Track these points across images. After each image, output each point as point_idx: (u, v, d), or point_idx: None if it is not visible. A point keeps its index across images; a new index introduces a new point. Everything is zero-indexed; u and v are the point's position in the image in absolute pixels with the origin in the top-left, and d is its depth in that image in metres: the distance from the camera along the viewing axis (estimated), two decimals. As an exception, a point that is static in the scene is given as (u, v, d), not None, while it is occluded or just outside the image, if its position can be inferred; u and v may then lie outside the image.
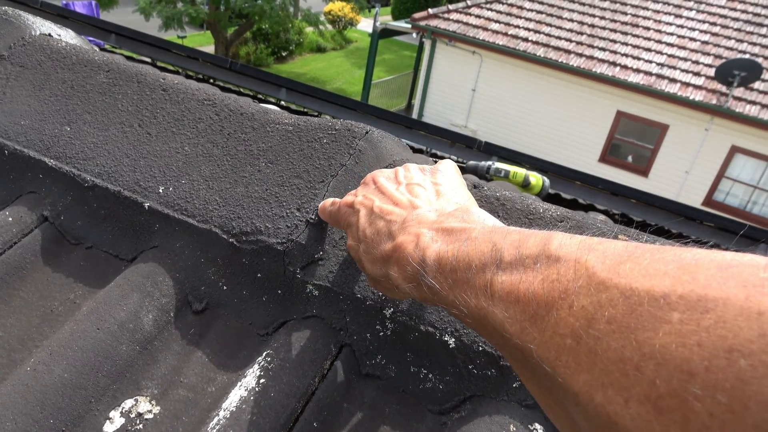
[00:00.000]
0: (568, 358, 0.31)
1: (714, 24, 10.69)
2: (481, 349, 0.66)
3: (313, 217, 0.74)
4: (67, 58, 0.98)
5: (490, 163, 1.97)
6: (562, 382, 0.31)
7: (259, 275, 0.76)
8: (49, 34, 1.07)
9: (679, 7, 11.15)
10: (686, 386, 0.24)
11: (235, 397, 0.65)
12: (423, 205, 0.55)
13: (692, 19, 10.85)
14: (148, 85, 0.92)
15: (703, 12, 10.97)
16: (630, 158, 10.94)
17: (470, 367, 0.67)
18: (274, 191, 0.78)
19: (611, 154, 10.99)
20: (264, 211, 0.76)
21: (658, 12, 11.09)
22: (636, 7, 11.26)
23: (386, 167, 0.82)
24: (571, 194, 2.08)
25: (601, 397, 0.28)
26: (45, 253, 0.83)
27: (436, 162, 0.70)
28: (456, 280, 0.43)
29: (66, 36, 1.12)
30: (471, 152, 2.34)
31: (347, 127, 0.82)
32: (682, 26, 10.71)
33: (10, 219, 0.83)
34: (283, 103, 2.85)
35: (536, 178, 1.96)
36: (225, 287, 0.77)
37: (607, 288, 0.30)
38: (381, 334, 0.71)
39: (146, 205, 0.80)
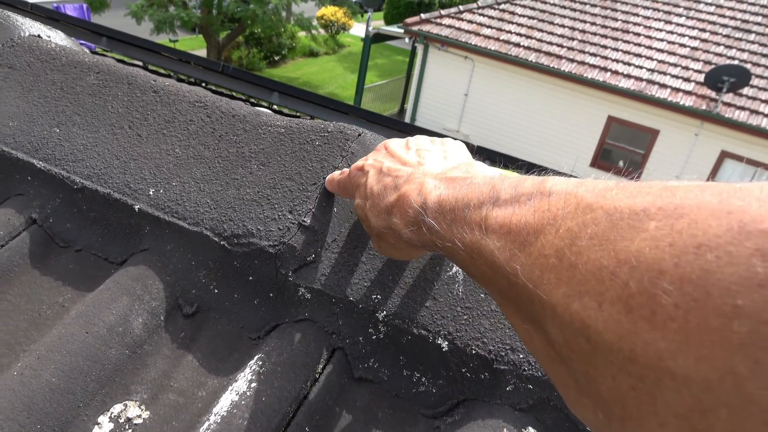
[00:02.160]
0: (550, 275, 0.32)
1: (703, 30, 10.80)
2: (474, 352, 0.66)
3: (305, 219, 0.73)
4: (57, 60, 0.97)
5: (482, 167, 1.97)
6: (542, 299, 0.32)
7: (250, 278, 0.75)
8: (39, 36, 1.06)
9: (668, 13, 11.26)
10: (656, 282, 0.25)
11: (226, 401, 0.64)
12: (429, 164, 0.57)
13: (682, 26, 10.96)
14: (138, 86, 0.92)
15: (692, 18, 11.09)
16: (621, 163, 11.00)
17: (463, 370, 0.67)
18: (266, 194, 0.77)
19: (602, 158, 11.06)
20: (256, 213, 0.75)
21: (648, 18, 11.19)
22: (626, 13, 11.36)
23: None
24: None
25: (577, 305, 0.29)
26: (33, 256, 0.82)
27: None
28: (454, 219, 0.44)
29: (56, 37, 1.11)
30: (463, 156, 2.34)
31: (340, 129, 0.82)
32: (672, 32, 10.82)
33: (-2, 221, 0.81)
34: (275, 106, 2.84)
35: (528, 182, 1.96)
36: (216, 290, 0.76)
37: (593, 210, 0.31)
38: (374, 337, 0.70)
39: (136, 207, 0.79)
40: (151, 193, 0.80)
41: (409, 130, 2.42)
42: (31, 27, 1.06)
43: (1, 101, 0.92)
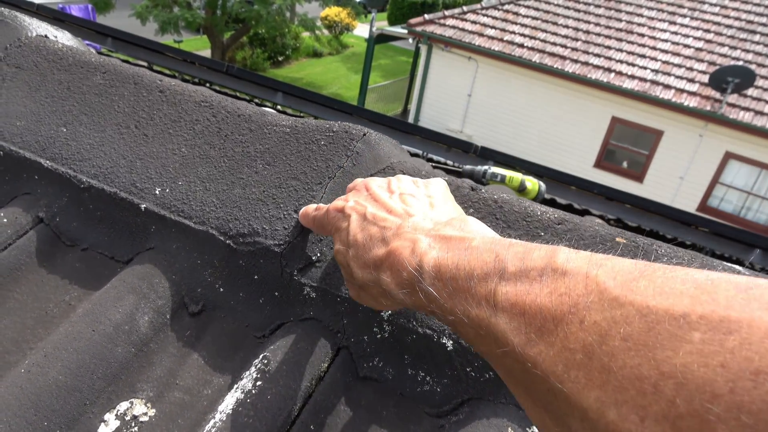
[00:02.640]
0: (578, 373, 0.30)
1: (708, 31, 10.77)
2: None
3: (310, 218, 0.74)
4: (64, 60, 0.98)
5: (486, 167, 1.97)
6: (569, 397, 0.31)
7: (256, 277, 0.75)
8: (46, 36, 1.07)
9: (673, 14, 11.23)
10: (708, 407, 0.24)
11: (231, 399, 0.65)
12: (417, 214, 0.55)
13: (686, 26, 10.93)
14: (144, 86, 0.92)
15: (697, 19, 11.06)
16: (625, 164, 10.98)
17: (468, 369, 0.67)
18: (271, 193, 0.77)
19: (606, 159, 11.04)
20: (261, 212, 0.76)
21: (652, 18, 11.17)
22: (631, 13, 11.34)
23: (384, 170, 0.82)
24: (567, 199, 2.08)
25: (614, 415, 0.28)
26: (40, 255, 0.82)
27: (434, 167, 0.70)
28: (456, 288, 0.42)
29: (62, 37, 1.12)
30: (467, 157, 2.34)
31: (345, 129, 0.82)
32: (676, 33, 10.79)
33: (5, 220, 0.82)
34: (279, 107, 2.85)
35: (532, 183, 1.96)
36: (222, 289, 0.77)
37: (622, 305, 0.30)
38: (379, 336, 0.71)
39: (143, 206, 0.79)
40: (157, 192, 0.80)
41: (413, 130, 2.42)
42: (38, 27, 1.07)
43: (8, 101, 0.92)
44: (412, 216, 0.54)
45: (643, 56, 10.36)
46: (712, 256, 1.59)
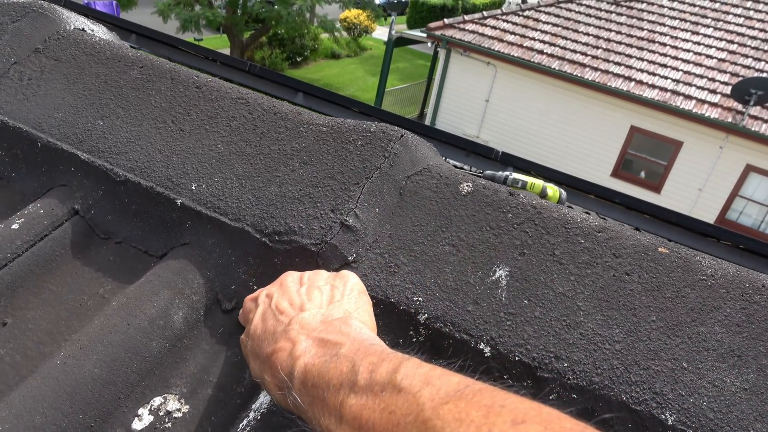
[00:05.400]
0: None
1: (731, 42, 10.64)
2: (517, 359, 0.65)
3: (347, 219, 0.73)
4: (101, 53, 0.98)
5: (507, 173, 1.95)
6: None
7: (290, 276, 0.75)
8: (83, 29, 1.08)
9: (696, 24, 11.11)
10: None
11: (265, 399, 0.64)
12: (311, 309, 0.56)
13: (710, 36, 10.80)
14: (181, 82, 0.92)
15: (720, 29, 10.93)
16: (642, 174, 10.87)
17: (506, 377, 0.66)
18: (308, 192, 0.77)
19: (624, 168, 10.94)
20: (298, 211, 0.75)
21: (675, 28, 11.05)
22: (653, 23, 11.23)
23: (420, 171, 0.82)
24: (586, 208, 2.06)
25: None
26: (75, 247, 0.83)
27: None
28: (315, 397, 0.45)
29: (98, 31, 1.13)
30: (487, 162, 2.32)
31: (382, 129, 0.81)
32: (699, 43, 10.67)
33: (42, 211, 0.82)
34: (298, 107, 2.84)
35: (553, 190, 1.93)
36: (255, 287, 0.76)
37: (427, 428, 0.36)
38: (414, 339, 0.70)
39: (179, 201, 0.79)
40: (193, 187, 0.80)
41: (433, 134, 2.41)
42: (76, 20, 1.07)
43: (47, 92, 0.93)
44: (304, 311, 0.56)
45: (664, 66, 10.26)
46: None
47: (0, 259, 0.76)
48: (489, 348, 0.66)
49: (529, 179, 1.94)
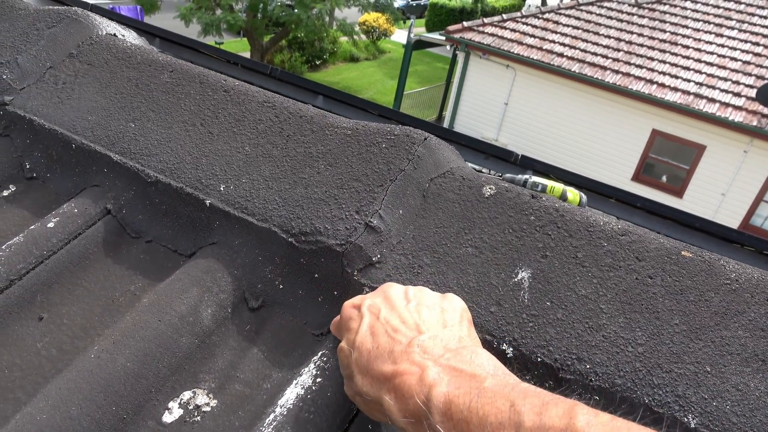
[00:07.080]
0: None
1: (756, 44, 10.45)
2: (539, 360, 0.66)
3: (371, 220, 0.75)
4: (132, 58, 1.01)
5: (527, 176, 1.95)
6: None
7: (316, 275, 0.76)
8: (114, 35, 1.11)
9: (720, 26, 10.94)
10: None
11: (291, 394, 0.66)
12: (427, 332, 0.54)
13: (734, 38, 10.63)
14: (210, 85, 0.95)
15: (745, 31, 10.75)
16: (664, 178, 10.73)
17: (528, 377, 0.67)
18: (333, 193, 0.78)
19: (645, 173, 10.80)
20: (323, 212, 0.77)
21: (698, 30, 10.90)
22: (675, 24, 11.09)
23: (443, 174, 0.83)
24: (606, 211, 2.05)
25: None
26: (107, 245, 0.85)
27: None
28: (463, 431, 0.42)
29: (129, 36, 1.16)
30: (506, 165, 2.32)
31: (406, 132, 0.83)
32: (723, 45, 10.51)
33: (76, 210, 0.85)
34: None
35: (573, 194, 1.93)
36: (281, 286, 0.78)
37: None
38: (437, 339, 0.71)
39: (207, 202, 0.82)
40: (221, 188, 0.82)
41: (452, 137, 2.42)
42: (107, 26, 1.11)
43: (81, 96, 0.96)
44: (422, 333, 0.54)
45: (687, 68, 10.12)
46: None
47: (37, 256, 0.79)
48: (511, 349, 0.67)
49: (549, 183, 1.94)
